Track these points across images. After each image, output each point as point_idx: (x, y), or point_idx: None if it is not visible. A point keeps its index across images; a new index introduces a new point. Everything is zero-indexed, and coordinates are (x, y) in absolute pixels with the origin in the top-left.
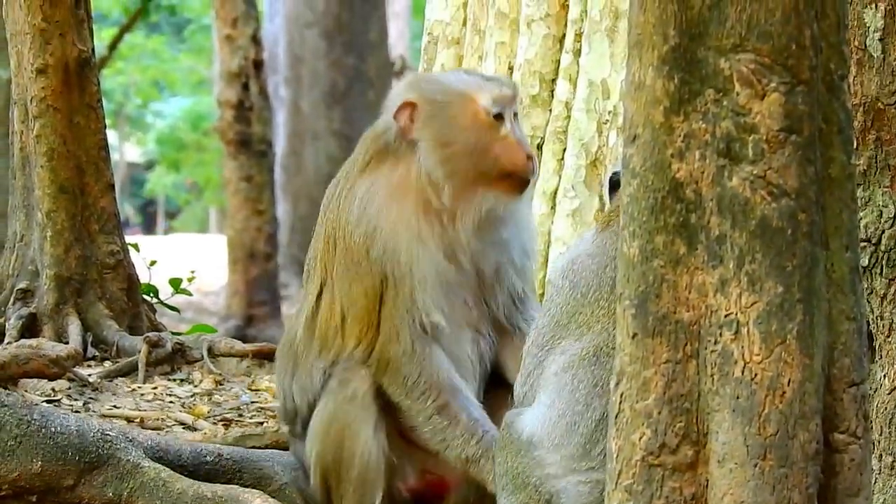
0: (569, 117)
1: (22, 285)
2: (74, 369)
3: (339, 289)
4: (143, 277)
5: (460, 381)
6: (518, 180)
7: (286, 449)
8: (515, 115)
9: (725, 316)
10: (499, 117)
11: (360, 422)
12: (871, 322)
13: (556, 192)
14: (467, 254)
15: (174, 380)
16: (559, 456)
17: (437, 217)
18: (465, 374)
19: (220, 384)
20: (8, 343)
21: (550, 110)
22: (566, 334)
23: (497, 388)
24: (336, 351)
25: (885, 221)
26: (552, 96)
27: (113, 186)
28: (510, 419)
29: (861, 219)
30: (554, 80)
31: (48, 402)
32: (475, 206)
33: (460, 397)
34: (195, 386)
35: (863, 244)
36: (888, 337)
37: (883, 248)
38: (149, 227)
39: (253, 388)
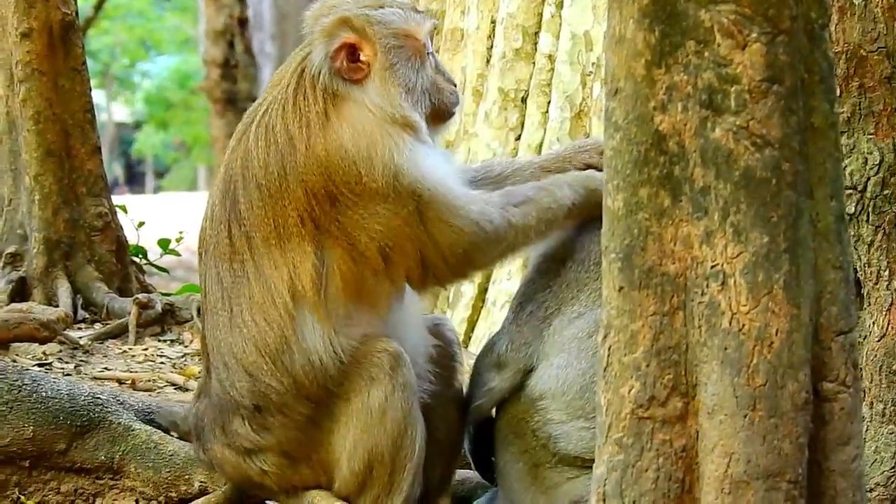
0: (552, 70)
1: (11, 249)
2: (65, 332)
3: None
4: (132, 238)
5: None
6: (449, 113)
7: None
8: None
9: (711, 267)
10: (431, 53)
11: (415, 408)
12: (858, 269)
13: (541, 145)
14: None
15: (164, 341)
16: (567, 405)
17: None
18: None
19: None
20: None
21: (534, 63)
22: (572, 302)
23: None
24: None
25: (871, 168)
26: (535, 49)
27: (99, 149)
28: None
29: (846, 166)
30: (537, 34)
31: (39, 365)
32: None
33: None
34: (185, 346)
35: (849, 192)
36: (876, 284)
37: (869, 195)
38: (138, 186)
39: None
